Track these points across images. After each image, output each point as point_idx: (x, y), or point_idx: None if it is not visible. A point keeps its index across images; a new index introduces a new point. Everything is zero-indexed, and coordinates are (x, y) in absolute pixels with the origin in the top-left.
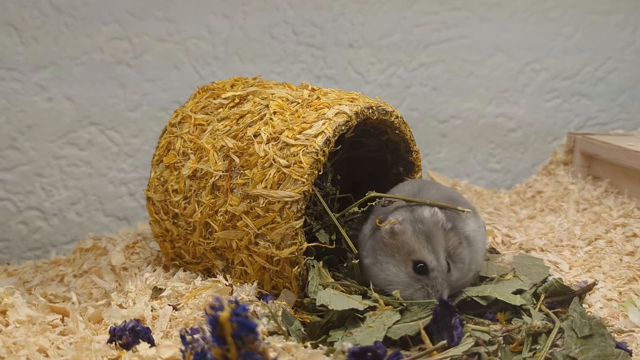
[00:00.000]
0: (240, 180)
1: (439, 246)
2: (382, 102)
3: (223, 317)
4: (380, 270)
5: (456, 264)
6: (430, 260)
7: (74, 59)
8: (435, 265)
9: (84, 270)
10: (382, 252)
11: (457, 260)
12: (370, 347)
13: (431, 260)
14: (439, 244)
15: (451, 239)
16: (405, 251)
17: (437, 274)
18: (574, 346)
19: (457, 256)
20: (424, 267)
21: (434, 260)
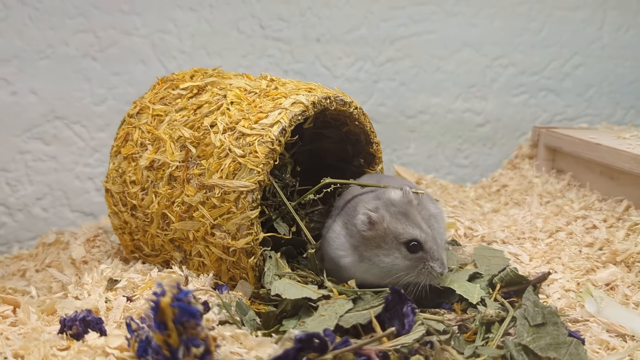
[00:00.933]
0: (197, 170)
1: (419, 219)
2: (340, 93)
3: (164, 303)
4: (372, 265)
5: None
6: (419, 234)
7: (39, 52)
8: (425, 236)
9: (47, 265)
10: (365, 247)
11: (434, 233)
12: (317, 334)
13: (420, 234)
14: (417, 217)
15: (422, 212)
16: (391, 237)
17: (431, 245)
18: (526, 334)
19: (432, 229)
20: (417, 244)
21: (422, 232)
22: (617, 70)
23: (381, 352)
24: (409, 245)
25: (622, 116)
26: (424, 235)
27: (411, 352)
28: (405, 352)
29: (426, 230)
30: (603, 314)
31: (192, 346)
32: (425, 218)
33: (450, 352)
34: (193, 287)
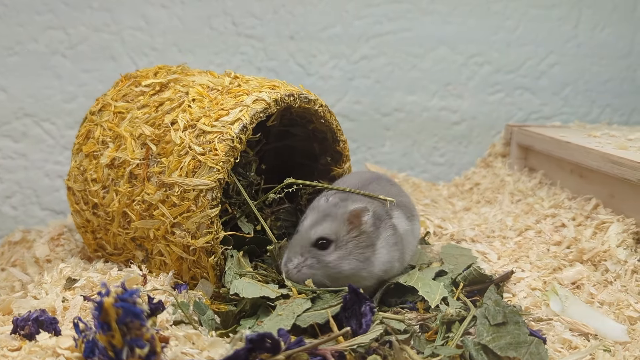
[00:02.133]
0: (157, 168)
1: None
2: (305, 90)
3: (107, 303)
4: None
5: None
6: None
7: (7, 49)
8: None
9: (12, 264)
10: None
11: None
12: (269, 334)
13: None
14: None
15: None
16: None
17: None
18: (486, 333)
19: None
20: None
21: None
22: (592, 68)
23: (337, 352)
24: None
25: (598, 114)
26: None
27: (368, 352)
28: (362, 351)
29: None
30: (567, 313)
31: (137, 347)
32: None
33: (408, 352)
34: (151, 287)
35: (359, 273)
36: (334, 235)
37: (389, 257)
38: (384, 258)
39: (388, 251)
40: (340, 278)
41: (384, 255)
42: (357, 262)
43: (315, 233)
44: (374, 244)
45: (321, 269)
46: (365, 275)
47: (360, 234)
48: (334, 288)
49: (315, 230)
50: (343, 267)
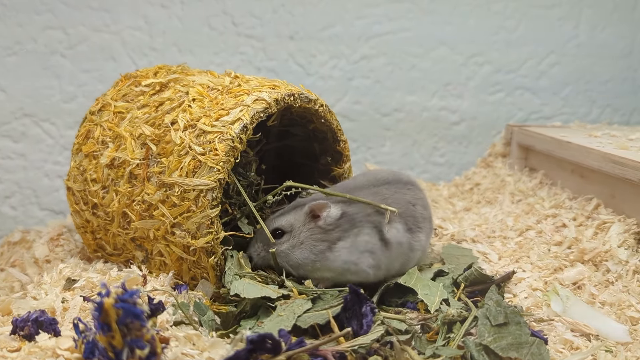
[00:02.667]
0: (157, 168)
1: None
2: (305, 90)
3: (107, 303)
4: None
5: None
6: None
7: (7, 49)
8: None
9: (11, 264)
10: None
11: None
12: (269, 335)
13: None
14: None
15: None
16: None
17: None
18: (487, 334)
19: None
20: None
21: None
22: (593, 68)
23: (338, 352)
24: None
25: (598, 115)
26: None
27: (369, 353)
28: (363, 352)
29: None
30: (568, 313)
31: (137, 348)
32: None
33: (409, 353)
34: (151, 287)
35: (312, 264)
36: (289, 226)
37: (351, 259)
38: (344, 257)
39: (351, 253)
40: (299, 268)
41: (343, 254)
42: (309, 252)
43: (273, 224)
44: (334, 241)
45: (278, 257)
46: (320, 267)
47: (317, 227)
48: (337, 289)
49: (274, 221)
50: (295, 255)
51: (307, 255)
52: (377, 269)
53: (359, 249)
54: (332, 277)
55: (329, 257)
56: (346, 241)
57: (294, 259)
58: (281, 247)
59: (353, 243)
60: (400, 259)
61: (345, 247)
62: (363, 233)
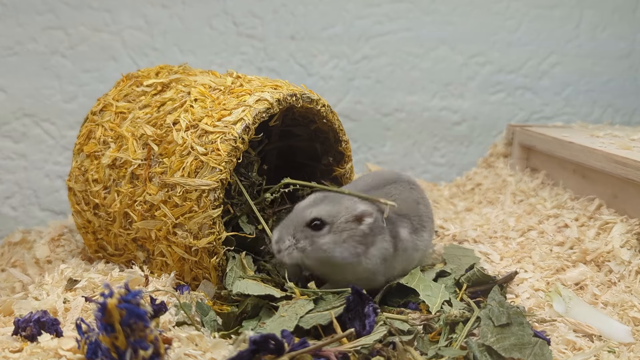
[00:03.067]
0: (159, 168)
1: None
2: (307, 90)
3: (111, 304)
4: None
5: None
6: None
7: (7, 49)
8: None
9: (12, 264)
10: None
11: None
12: (272, 335)
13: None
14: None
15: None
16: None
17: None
18: (490, 335)
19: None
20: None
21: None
22: (594, 68)
23: (341, 353)
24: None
25: (600, 115)
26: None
27: (372, 353)
28: (365, 352)
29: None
30: (571, 314)
31: (140, 348)
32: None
33: (412, 353)
34: (153, 288)
35: (344, 267)
36: (330, 217)
37: (375, 267)
38: (371, 266)
39: (376, 262)
40: (331, 266)
41: (372, 262)
42: (349, 253)
43: (312, 213)
44: (368, 246)
45: (313, 251)
46: (352, 270)
47: (359, 229)
48: (337, 289)
49: (312, 210)
50: (335, 252)
51: (346, 256)
52: (384, 275)
53: (381, 257)
54: (351, 280)
55: (362, 262)
56: (375, 247)
57: (335, 256)
58: (323, 240)
59: (379, 250)
60: (403, 264)
61: (375, 254)
62: (385, 240)
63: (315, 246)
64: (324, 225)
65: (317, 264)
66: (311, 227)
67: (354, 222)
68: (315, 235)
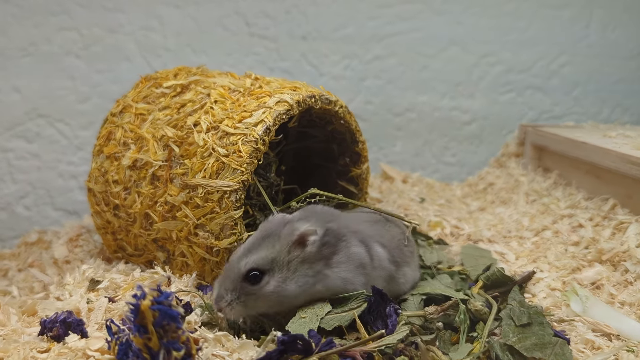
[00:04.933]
0: (180, 170)
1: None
2: (325, 92)
3: (144, 306)
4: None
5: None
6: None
7: (22, 50)
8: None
9: (29, 264)
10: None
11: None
12: (300, 336)
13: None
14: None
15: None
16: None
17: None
18: (512, 334)
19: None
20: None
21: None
22: (603, 68)
23: (366, 353)
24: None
25: (609, 114)
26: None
27: (396, 353)
28: (390, 352)
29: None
30: (588, 314)
31: (173, 350)
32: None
33: (435, 353)
34: (175, 288)
35: (312, 287)
36: (267, 264)
37: (348, 277)
38: (343, 275)
39: (348, 270)
40: (297, 297)
41: (342, 271)
42: (304, 281)
43: (246, 265)
44: (329, 256)
45: (260, 301)
46: (321, 288)
47: (306, 253)
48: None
49: (247, 261)
50: (288, 290)
51: (305, 281)
52: (366, 285)
53: (354, 263)
54: (328, 296)
55: (329, 275)
56: (340, 255)
57: (289, 292)
58: (268, 288)
59: (347, 256)
60: (382, 283)
61: (342, 261)
62: (352, 244)
63: (260, 298)
64: (263, 275)
65: (277, 307)
66: (249, 281)
67: (297, 249)
68: (256, 289)
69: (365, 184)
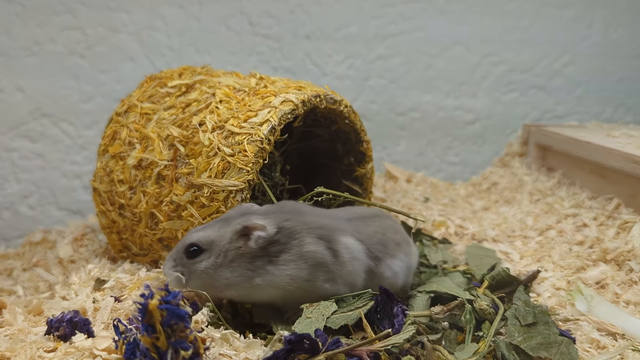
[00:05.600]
0: (185, 169)
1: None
2: (330, 91)
3: (152, 305)
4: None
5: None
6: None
7: (26, 49)
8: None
9: (34, 264)
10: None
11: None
12: (307, 335)
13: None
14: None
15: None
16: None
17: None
18: (517, 334)
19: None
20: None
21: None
22: (606, 68)
23: (372, 352)
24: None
25: (611, 114)
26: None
27: (402, 353)
28: (396, 352)
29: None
30: (593, 313)
31: (181, 349)
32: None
33: (441, 352)
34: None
35: (249, 281)
36: (207, 243)
37: (300, 275)
38: (290, 272)
39: (299, 268)
40: (232, 287)
41: (290, 269)
42: (243, 270)
43: (190, 238)
44: (276, 254)
45: (192, 279)
46: (261, 283)
47: (247, 246)
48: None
49: (192, 235)
50: (221, 274)
51: (242, 272)
52: (334, 282)
53: (307, 262)
54: (280, 295)
55: (273, 272)
56: (290, 253)
57: (221, 279)
58: (199, 267)
59: (299, 255)
60: (357, 278)
61: (291, 260)
62: (306, 243)
63: (193, 273)
64: (200, 252)
65: (213, 292)
66: (188, 254)
67: (239, 240)
68: (190, 263)
69: (369, 184)
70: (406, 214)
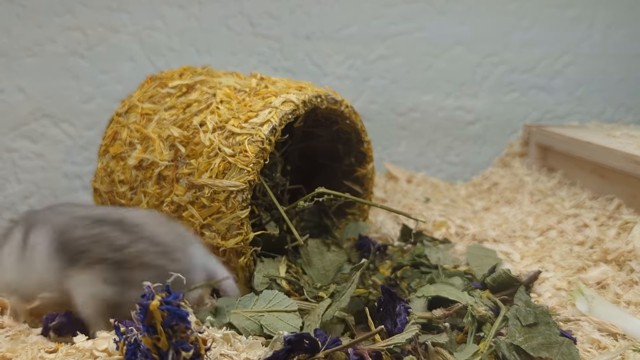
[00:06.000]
0: (186, 170)
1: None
2: (331, 92)
3: (153, 306)
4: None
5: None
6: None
7: (26, 50)
8: None
9: None
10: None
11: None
12: (307, 335)
13: None
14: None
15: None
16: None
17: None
18: (518, 334)
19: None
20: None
21: None
22: (607, 68)
23: (374, 351)
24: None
25: (612, 114)
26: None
27: (404, 353)
28: (398, 351)
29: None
30: (594, 313)
31: (182, 350)
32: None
33: (442, 353)
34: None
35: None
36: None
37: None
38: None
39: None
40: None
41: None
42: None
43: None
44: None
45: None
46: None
47: None
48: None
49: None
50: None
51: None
52: (18, 274)
53: (14, 255)
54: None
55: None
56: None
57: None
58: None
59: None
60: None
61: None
62: (13, 238)
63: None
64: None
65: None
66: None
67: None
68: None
69: (370, 184)
70: (407, 215)
